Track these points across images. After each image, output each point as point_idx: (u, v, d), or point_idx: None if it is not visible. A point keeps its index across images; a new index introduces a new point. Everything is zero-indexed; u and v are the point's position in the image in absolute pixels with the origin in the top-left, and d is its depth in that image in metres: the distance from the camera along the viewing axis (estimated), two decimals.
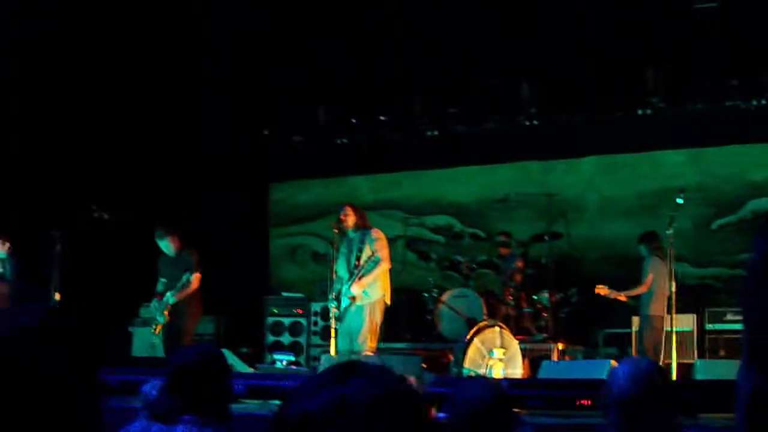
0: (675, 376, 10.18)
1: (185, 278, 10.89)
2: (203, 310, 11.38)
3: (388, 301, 10.26)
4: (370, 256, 10.10)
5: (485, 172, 14.55)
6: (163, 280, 11.18)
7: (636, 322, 11.68)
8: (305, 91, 14.38)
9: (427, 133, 14.47)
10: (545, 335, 11.86)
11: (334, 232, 10.58)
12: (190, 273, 10.91)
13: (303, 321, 13.66)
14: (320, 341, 13.20)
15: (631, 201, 13.63)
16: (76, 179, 12.89)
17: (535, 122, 13.81)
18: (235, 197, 14.99)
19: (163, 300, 10.96)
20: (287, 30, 13.69)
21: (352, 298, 10.07)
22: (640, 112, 13.21)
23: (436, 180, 14.90)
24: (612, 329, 12.51)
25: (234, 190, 15.00)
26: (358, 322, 10.04)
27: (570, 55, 12.77)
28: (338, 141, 14.95)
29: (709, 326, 12.08)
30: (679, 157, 13.48)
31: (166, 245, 11.10)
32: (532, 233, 12.83)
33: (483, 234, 14.18)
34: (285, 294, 14.20)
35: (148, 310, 11.55)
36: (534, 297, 12.09)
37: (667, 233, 10.55)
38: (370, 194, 15.03)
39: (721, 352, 11.70)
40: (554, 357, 11.25)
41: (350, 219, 10.32)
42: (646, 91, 13.08)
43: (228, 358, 4.23)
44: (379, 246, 10.20)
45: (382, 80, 13.92)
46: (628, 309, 11.84)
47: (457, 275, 12.88)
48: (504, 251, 12.81)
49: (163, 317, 10.92)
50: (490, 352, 10.28)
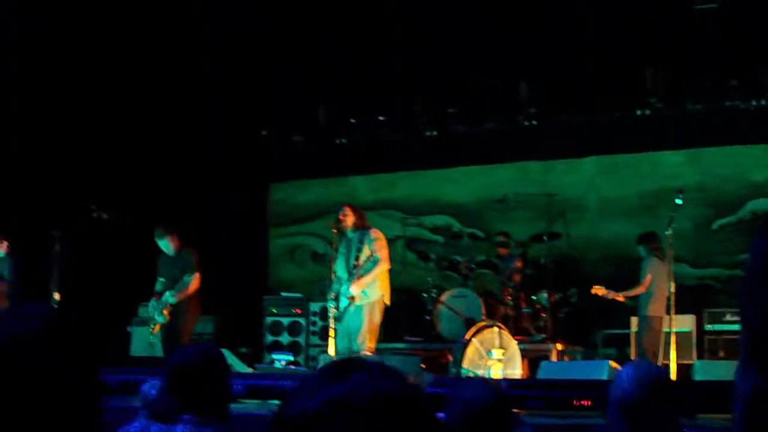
0: (674, 376, 10.17)
1: (186, 279, 10.89)
2: (202, 310, 11.38)
3: (388, 302, 10.25)
4: (369, 256, 10.09)
5: (484, 172, 14.55)
6: (162, 280, 11.17)
7: (635, 323, 11.66)
8: (305, 92, 14.38)
9: (427, 133, 14.47)
10: (544, 336, 11.85)
11: (333, 232, 10.58)
12: (190, 274, 10.91)
13: (302, 321, 13.65)
14: (319, 341, 13.20)
15: (631, 201, 13.62)
16: (76, 179, 12.89)
17: (535, 122, 13.81)
18: (234, 197, 14.99)
19: (162, 300, 10.95)
20: (287, 30, 13.70)
21: (351, 298, 10.06)
22: (639, 112, 13.21)
23: (436, 180, 14.89)
24: (611, 330, 12.50)
25: (234, 190, 14.99)
26: (357, 322, 10.03)
27: (569, 55, 12.77)
28: (338, 141, 14.95)
29: (709, 327, 12.08)
30: (679, 158, 13.49)
31: (166, 244, 11.09)
32: (531, 233, 12.83)
33: (482, 234, 14.17)
34: (284, 294, 14.19)
35: (146, 309, 11.54)
36: (533, 297, 12.08)
37: (667, 234, 10.54)
38: (369, 194, 15.03)
39: (721, 353, 11.70)
40: (553, 357, 11.25)
41: (349, 219, 10.31)
42: (645, 92, 13.08)
43: (227, 358, 4.23)
44: (378, 246, 10.19)
45: (382, 80, 13.92)
46: (627, 310, 11.83)
47: (455, 275, 12.88)
48: (503, 251, 12.80)
49: (163, 317, 10.91)
50: (488, 352, 10.27)
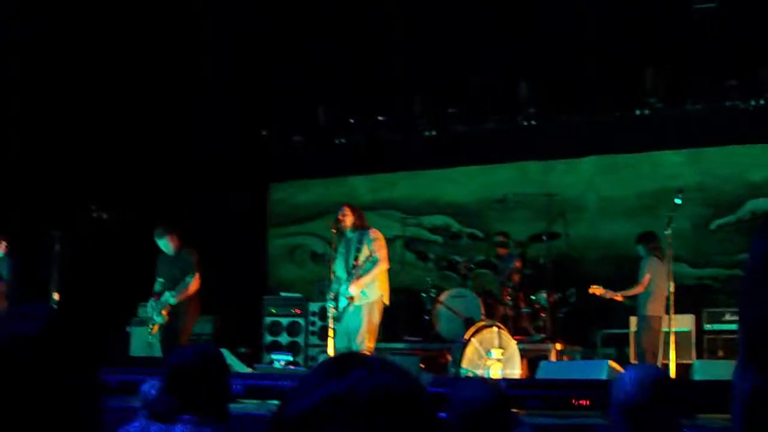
0: (673, 376, 10.17)
1: (189, 280, 10.90)
2: (201, 310, 11.39)
3: (387, 302, 10.25)
4: (368, 257, 10.10)
5: (484, 173, 14.55)
6: (161, 280, 11.18)
7: (634, 323, 11.65)
8: (304, 92, 14.37)
9: (426, 134, 14.47)
10: (543, 335, 11.85)
11: (333, 232, 10.59)
12: (191, 274, 10.91)
13: (301, 321, 13.65)
14: (318, 341, 13.20)
15: (631, 201, 13.62)
16: (76, 179, 12.89)
17: (534, 122, 13.81)
18: (234, 197, 14.99)
19: (162, 300, 10.95)
20: (286, 30, 13.69)
21: (350, 299, 10.07)
22: (638, 112, 13.21)
23: (435, 180, 14.89)
24: (610, 330, 12.50)
25: (233, 190, 14.99)
26: (357, 322, 10.03)
27: (569, 55, 12.77)
28: (337, 141, 14.95)
29: (708, 327, 12.09)
30: (678, 158, 13.49)
31: (165, 244, 11.09)
32: (531, 233, 12.82)
33: (481, 234, 14.17)
34: (283, 294, 14.18)
35: (145, 310, 11.54)
36: (532, 297, 12.08)
37: (666, 233, 10.54)
38: (368, 194, 15.03)
39: (720, 353, 11.70)
40: (552, 357, 11.25)
41: (348, 219, 10.32)
42: (645, 91, 13.08)
43: (226, 358, 4.23)
44: (377, 246, 10.19)
45: (381, 80, 13.92)
46: (627, 309, 11.82)
47: (455, 275, 12.87)
48: (502, 251, 12.79)
49: (162, 317, 10.91)
50: (488, 352, 10.27)
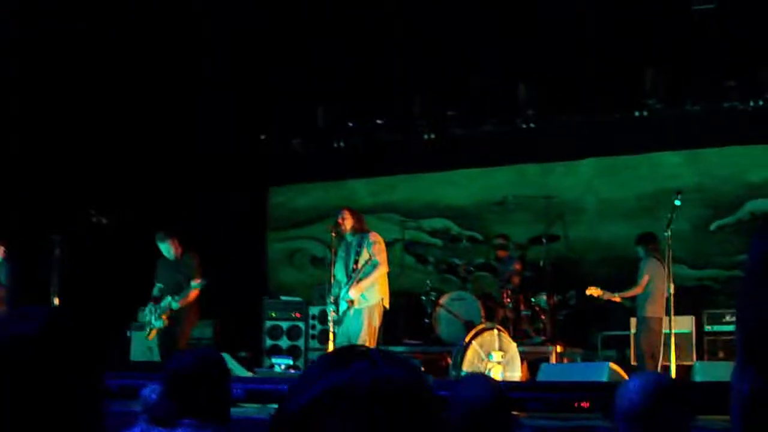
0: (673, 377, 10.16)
1: (196, 285, 10.92)
2: (200, 315, 11.41)
3: (387, 305, 10.25)
4: (368, 260, 10.09)
5: (483, 175, 14.54)
6: (160, 285, 11.19)
7: (634, 325, 11.63)
8: (303, 94, 14.37)
9: (425, 136, 14.46)
10: (543, 338, 11.85)
11: (332, 235, 10.58)
12: (199, 281, 10.93)
13: (301, 325, 13.64)
14: (318, 345, 13.20)
15: (630, 203, 13.62)
16: (75, 183, 12.88)
17: (533, 125, 13.81)
18: (233, 201, 14.99)
19: (163, 305, 10.96)
20: (285, 33, 13.69)
21: (350, 302, 10.07)
22: (637, 113, 13.21)
23: (434, 183, 14.89)
24: (610, 331, 12.50)
25: (233, 193, 14.99)
26: (357, 325, 10.03)
27: (568, 57, 12.76)
28: (336, 144, 14.94)
29: (708, 328, 12.08)
30: (677, 159, 13.49)
31: (167, 248, 11.10)
32: (530, 236, 12.81)
33: (480, 237, 14.17)
34: (283, 298, 14.18)
35: (143, 314, 11.54)
36: (532, 299, 12.07)
37: (665, 235, 10.52)
38: (368, 197, 15.03)
39: (720, 354, 11.69)
40: (553, 359, 11.24)
41: (348, 223, 10.31)
42: (644, 93, 13.08)
43: (227, 362, 4.22)
44: (376, 250, 10.19)
45: (380, 83, 13.91)
46: (627, 311, 11.82)
47: (454, 278, 12.88)
48: (502, 254, 12.79)
49: (161, 322, 10.92)
50: (488, 355, 10.27)
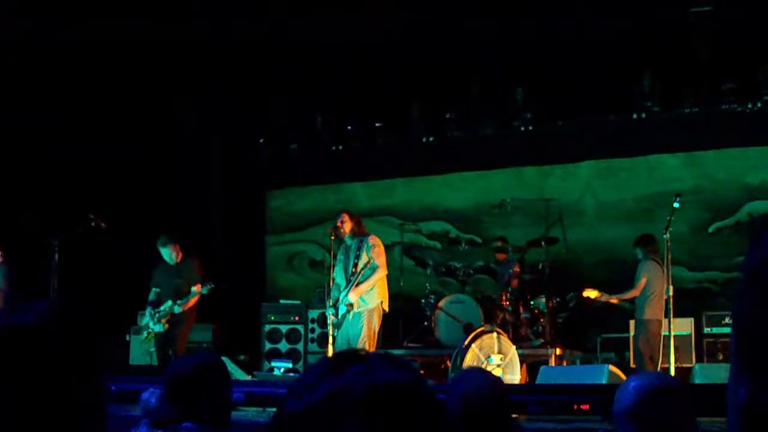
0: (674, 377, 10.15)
1: (204, 290, 10.93)
2: (198, 318, 11.43)
3: (387, 308, 10.26)
4: (367, 263, 10.10)
5: (481, 178, 14.55)
6: (156, 290, 11.19)
7: (633, 327, 11.65)
8: (302, 98, 14.38)
9: (423, 139, 14.48)
10: (543, 340, 11.83)
11: (331, 239, 10.58)
12: (207, 285, 10.95)
13: (300, 328, 13.64)
14: (318, 348, 13.20)
15: (628, 205, 13.63)
16: (75, 187, 12.89)
17: (531, 127, 13.83)
18: (232, 205, 14.99)
19: (163, 309, 10.96)
20: (284, 36, 13.69)
21: (350, 306, 10.07)
22: (635, 116, 13.23)
23: (433, 186, 14.90)
24: (609, 334, 12.50)
25: (231, 197, 14.99)
26: (356, 329, 10.03)
27: (566, 59, 12.77)
28: (334, 148, 14.96)
29: (707, 330, 12.08)
30: (676, 161, 13.50)
31: (168, 253, 11.11)
32: (529, 238, 12.78)
33: (479, 240, 14.18)
34: (282, 301, 14.18)
35: (143, 318, 11.54)
36: (531, 302, 12.04)
37: (665, 237, 10.52)
38: (366, 201, 15.04)
39: (720, 356, 11.69)
40: (552, 362, 11.22)
41: (347, 226, 10.32)
42: (642, 95, 13.10)
43: (227, 366, 4.22)
44: (376, 253, 10.19)
45: (379, 86, 13.93)
46: (626, 313, 11.83)
47: (453, 281, 12.85)
48: (500, 257, 12.77)
49: (161, 326, 10.92)
50: (488, 357, 10.26)
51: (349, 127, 14.80)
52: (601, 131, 13.70)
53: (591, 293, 11.28)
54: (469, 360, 10.15)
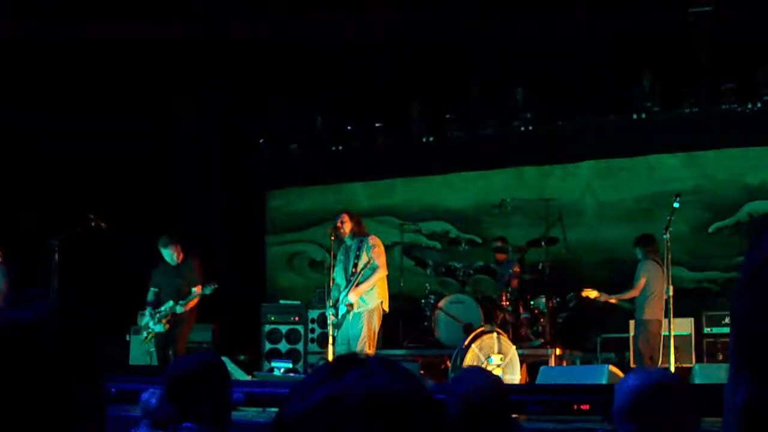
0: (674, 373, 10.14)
1: (207, 290, 10.94)
2: (198, 318, 11.43)
3: (387, 309, 10.27)
4: (367, 264, 10.10)
5: (481, 178, 14.55)
6: (155, 290, 11.19)
7: (634, 327, 11.64)
8: (302, 98, 14.38)
9: (423, 139, 14.48)
10: (543, 340, 11.83)
11: (331, 239, 10.58)
12: (207, 286, 10.95)
13: (300, 328, 13.64)
14: (318, 348, 13.20)
15: (628, 205, 13.63)
16: (74, 187, 12.89)
17: (531, 127, 13.83)
18: (232, 205, 14.98)
19: (163, 310, 10.97)
20: (284, 36, 13.69)
21: (350, 306, 10.07)
22: (635, 116, 13.23)
23: (433, 186, 14.89)
24: (609, 334, 12.50)
25: (231, 197, 14.99)
26: (356, 329, 10.03)
27: (565, 60, 12.77)
28: (335, 147, 14.96)
29: (707, 330, 12.07)
30: (676, 161, 13.49)
31: (169, 254, 11.12)
32: (529, 238, 12.78)
33: (479, 240, 14.18)
34: (282, 301, 14.18)
35: (143, 318, 11.54)
36: (531, 302, 12.04)
37: (664, 237, 10.51)
38: (366, 201, 15.03)
39: (720, 356, 11.69)
40: (552, 362, 11.22)
41: (347, 226, 10.32)
42: (642, 95, 13.09)
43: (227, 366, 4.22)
44: (376, 253, 10.20)
45: (379, 86, 13.92)
46: (626, 313, 11.82)
47: (453, 281, 12.84)
48: (500, 257, 12.77)
49: (162, 326, 10.93)
50: (488, 358, 10.26)
51: (349, 128, 14.80)
52: (601, 131, 13.70)
53: (590, 293, 11.28)
54: (469, 360, 10.15)
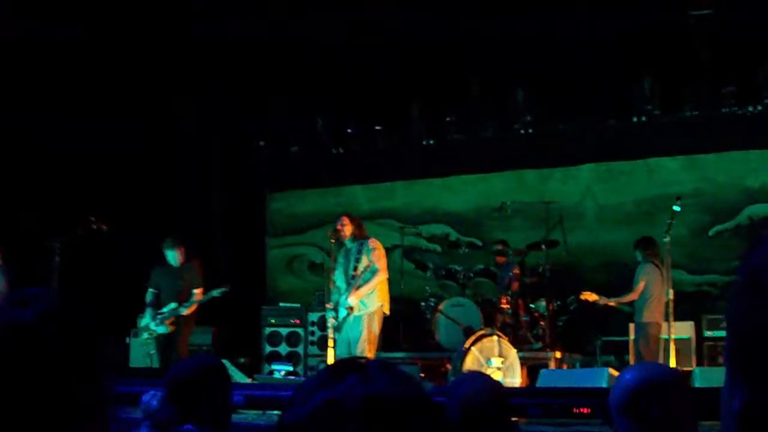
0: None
1: (216, 292, 10.95)
2: (198, 321, 11.43)
3: (387, 311, 10.27)
4: (368, 266, 10.10)
5: (482, 181, 14.55)
6: (153, 291, 11.18)
7: (633, 330, 11.63)
8: (302, 100, 14.37)
9: (424, 142, 14.47)
10: (543, 343, 11.82)
11: (332, 242, 10.58)
12: (217, 289, 10.97)
13: (300, 331, 13.63)
14: (318, 351, 13.20)
15: (628, 208, 13.63)
16: (75, 189, 12.88)
17: (531, 130, 13.83)
18: (232, 207, 14.97)
19: (166, 311, 10.97)
20: (284, 38, 13.68)
21: (350, 309, 10.07)
22: (635, 119, 13.23)
23: (433, 189, 14.90)
24: (609, 337, 12.49)
25: (231, 200, 14.98)
26: (357, 332, 10.03)
27: (565, 62, 12.76)
28: (335, 150, 14.95)
29: (707, 333, 12.07)
30: (676, 164, 13.50)
31: (173, 256, 11.12)
32: (529, 241, 12.78)
33: (479, 243, 14.19)
34: (282, 304, 14.17)
35: (143, 320, 11.52)
36: (531, 305, 12.04)
37: (665, 241, 10.50)
38: (366, 204, 15.03)
39: (720, 360, 11.66)
40: (552, 365, 11.21)
41: (347, 229, 10.32)
42: (642, 98, 13.09)
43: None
44: (376, 256, 10.20)
45: (379, 89, 13.91)
46: (626, 317, 11.81)
47: (453, 284, 12.85)
48: (501, 260, 12.77)
49: (166, 327, 10.94)
50: (488, 361, 10.25)
51: (350, 130, 14.79)
52: (601, 134, 13.70)
53: (589, 296, 11.27)
54: (470, 363, 10.15)
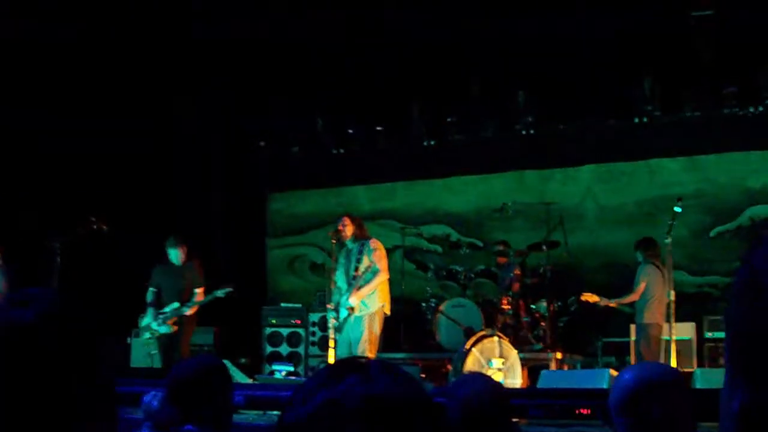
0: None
1: (221, 293, 10.95)
2: (199, 321, 11.43)
3: (388, 312, 10.27)
4: (368, 267, 10.10)
5: (482, 182, 14.55)
6: (154, 290, 11.18)
7: (634, 331, 11.62)
8: (303, 101, 14.37)
9: (424, 143, 14.47)
10: (543, 344, 11.81)
11: (333, 242, 10.58)
12: (221, 289, 10.99)
13: (301, 331, 13.63)
14: (319, 351, 13.19)
15: (629, 209, 13.63)
16: (76, 190, 12.87)
17: (532, 131, 13.82)
18: (233, 207, 14.96)
19: (168, 311, 10.98)
20: (284, 39, 13.68)
21: (351, 309, 10.06)
22: (636, 119, 13.23)
23: (434, 189, 14.89)
24: (610, 338, 12.48)
25: (232, 200, 14.97)
26: (357, 332, 10.03)
27: (566, 63, 12.76)
28: (336, 151, 14.95)
29: (709, 334, 12.06)
30: (677, 165, 13.49)
31: (176, 254, 11.12)
32: (530, 242, 12.77)
33: (480, 243, 14.18)
34: (283, 304, 14.17)
35: (145, 319, 11.52)
36: (532, 306, 12.04)
37: (666, 242, 10.50)
38: (367, 204, 15.03)
39: (721, 361, 11.65)
40: (553, 366, 11.21)
41: (348, 229, 10.32)
42: (643, 99, 13.08)
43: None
44: (377, 257, 10.20)
45: (379, 89, 13.91)
46: (627, 318, 11.81)
47: (454, 285, 12.84)
48: (502, 260, 12.75)
49: (168, 327, 10.95)
50: (489, 361, 10.24)
51: (350, 131, 14.78)
52: (602, 135, 13.69)
53: (590, 297, 11.27)
54: (470, 364, 10.14)
